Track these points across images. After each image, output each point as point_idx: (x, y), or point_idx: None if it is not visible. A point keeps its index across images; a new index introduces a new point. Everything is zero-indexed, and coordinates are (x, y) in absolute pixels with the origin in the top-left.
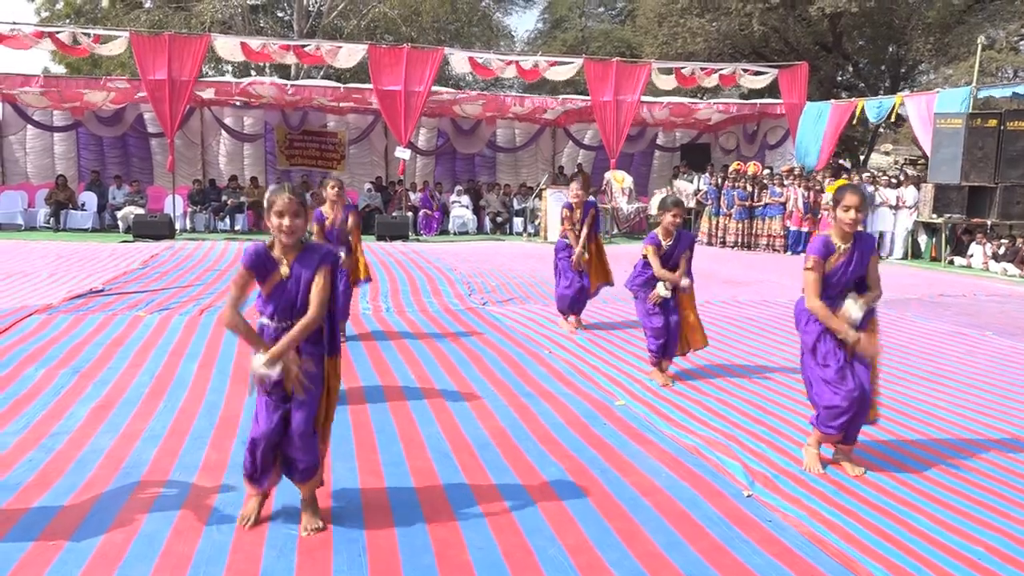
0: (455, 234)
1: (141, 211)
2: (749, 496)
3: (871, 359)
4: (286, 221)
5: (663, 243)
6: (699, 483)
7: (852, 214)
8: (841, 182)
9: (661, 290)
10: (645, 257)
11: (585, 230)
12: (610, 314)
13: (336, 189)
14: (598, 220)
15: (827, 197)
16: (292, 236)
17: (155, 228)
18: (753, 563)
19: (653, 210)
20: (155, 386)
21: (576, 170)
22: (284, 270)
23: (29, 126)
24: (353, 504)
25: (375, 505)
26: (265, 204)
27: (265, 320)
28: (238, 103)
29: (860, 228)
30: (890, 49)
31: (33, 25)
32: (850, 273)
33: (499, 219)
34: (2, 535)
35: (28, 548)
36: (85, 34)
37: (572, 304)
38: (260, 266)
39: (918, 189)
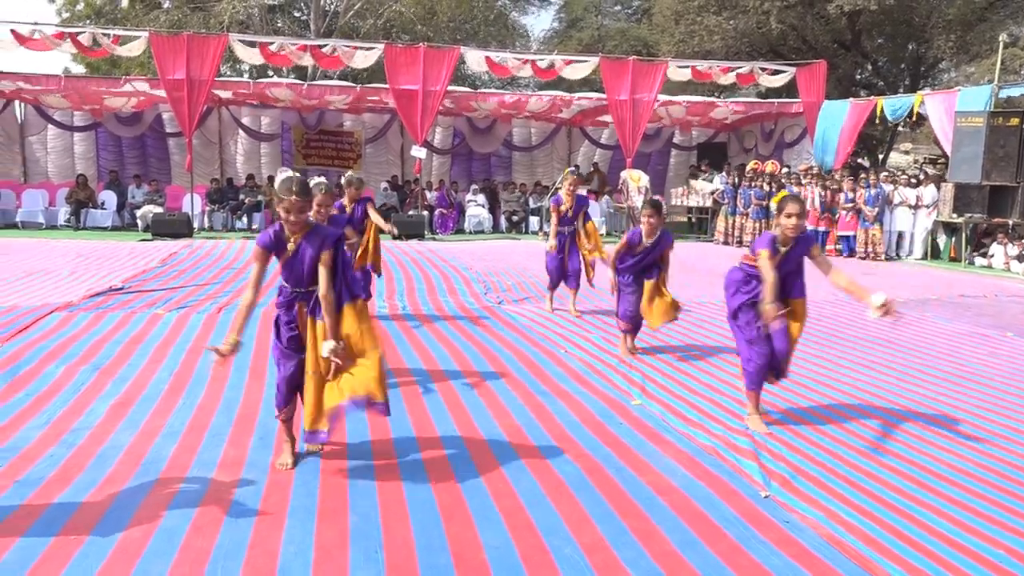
0: (471, 233)
1: (160, 210)
2: (766, 497)
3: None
4: (292, 217)
5: (644, 241)
6: (716, 483)
7: (794, 220)
8: (783, 193)
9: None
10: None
11: (586, 224)
12: None
13: (355, 189)
14: (586, 215)
15: (773, 207)
16: (295, 227)
17: (173, 227)
18: (771, 564)
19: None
20: (174, 383)
21: (592, 169)
22: (291, 247)
23: (50, 126)
24: (370, 501)
25: (391, 502)
26: (275, 192)
27: (283, 282)
28: (255, 103)
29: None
30: (910, 47)
31: (54, 26)
32: (783, 272)
33: (515, 218)
34: (24, 530)
35: (49, 543)
36: (105, 35)
37: (559, 278)
38: (272, 245)
39: (938, 188)
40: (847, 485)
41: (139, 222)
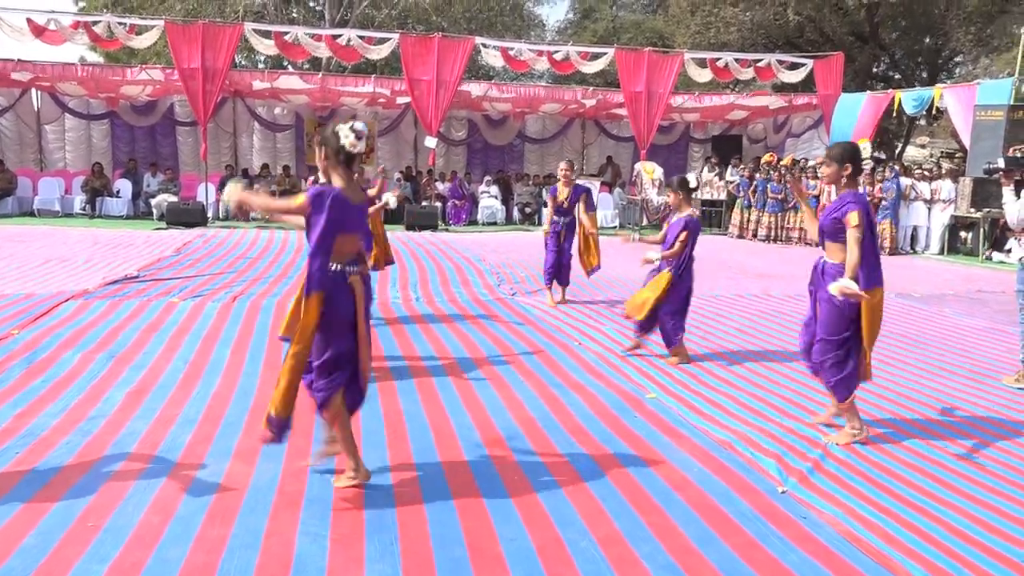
0: (484, 224)
1: (174, 199)
2: (783, 492)
3: None
4: None
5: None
6: (732, 478)
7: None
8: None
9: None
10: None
11: (582, 207)
12: None
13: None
14: (590, 202)
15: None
16: None
17: (188, 215)
18: (788, 560)
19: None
20: (189, 372)
21: (604, 162)
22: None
23: (66, 115)
24: (385, 493)
25: (406, 495)
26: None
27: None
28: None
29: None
30: (927, 40)
31: (71, 15)
32: None
33: (528, 210)
34: (43, 515)
35: (68, 529)
36: (120, 24)
37: (555, 275)
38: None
39: (955, 182)
40: (865, 481)
41: (154, 211)
